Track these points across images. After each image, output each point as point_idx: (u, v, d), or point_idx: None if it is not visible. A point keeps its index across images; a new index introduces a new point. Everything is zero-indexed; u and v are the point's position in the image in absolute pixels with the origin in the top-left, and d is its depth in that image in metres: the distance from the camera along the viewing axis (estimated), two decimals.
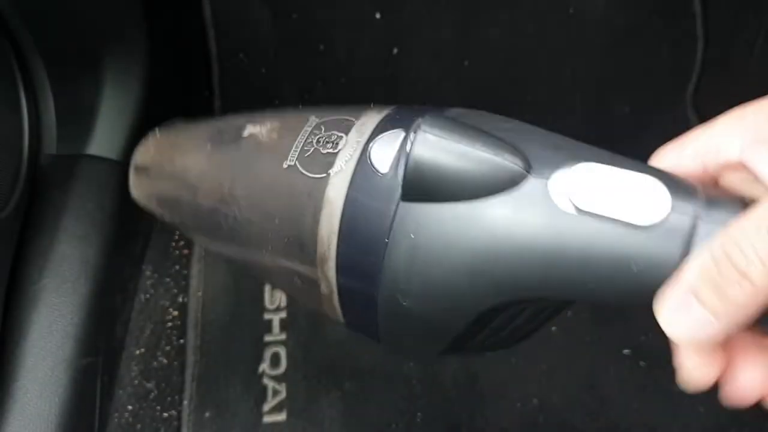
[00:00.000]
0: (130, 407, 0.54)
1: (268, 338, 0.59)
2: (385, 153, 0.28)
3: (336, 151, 0.30)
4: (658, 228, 0.22)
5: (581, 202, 0.23)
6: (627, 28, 0.70)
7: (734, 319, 0.21)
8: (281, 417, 0.55)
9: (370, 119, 0.31)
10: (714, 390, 0.25)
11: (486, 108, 0.31)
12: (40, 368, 0.47)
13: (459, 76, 0.71)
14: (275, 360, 0.58)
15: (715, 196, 0.23)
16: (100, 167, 0.56)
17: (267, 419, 0.55)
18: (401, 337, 0.30)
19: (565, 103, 0.72)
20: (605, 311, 0.61)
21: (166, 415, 0.55)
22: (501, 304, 0.26)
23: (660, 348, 0.58)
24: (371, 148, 0.29)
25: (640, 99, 0.72)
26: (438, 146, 0.25)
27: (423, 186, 0.26)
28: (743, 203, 0.23)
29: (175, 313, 0.60)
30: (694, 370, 0.24)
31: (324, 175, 0.30)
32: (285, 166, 0.31)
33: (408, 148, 0.26)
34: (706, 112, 0.70)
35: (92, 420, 0.50)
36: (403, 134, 0.28)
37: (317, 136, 0.31)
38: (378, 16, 0.67)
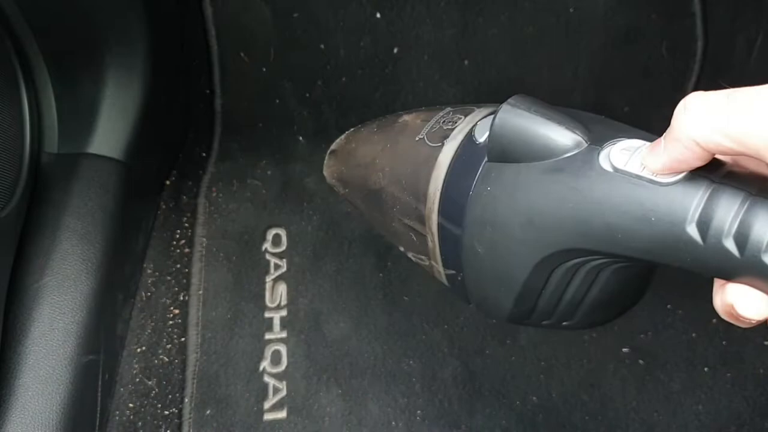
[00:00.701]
0: (131, 405, 0.55)
1: (268, 336, 0.59)
2: (484, 128, 0.35)
3: (453, 127, 0.38)
4: (675, 187, 0.26)
5: (618, 163, 0.28)
6: (627, 28, 0.70)
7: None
8: (282, 414, 0.55)
9: (489, 108, 0.38)
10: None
11: None
12: (41, 366, 0.47)
13: (459, 76, 0.71)
14: (276, 358, 0.58)
15: (737, 171, 0.26)
16: (102, 166, 0.56)
17: (267, 417, 0.55)
18: (480, 287, 0.36)
19: (565, 103, 0.72)
20: None
21: (167, 412, 0.55)
22: (551, 256, 0.31)
23: (659, 347, 0.58)
24: (477, 124, 0.36)
25: (639, 99, 0.72)
26: (517, 114, 0.31)
27: (502, 147, 0.32)
28: (761, 178, 0.26)
29: (176, 311, 0.60)
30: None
31: (440, 144, 0.37)
32: (416, 139, 0.39)
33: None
34: None
35: (93, 418, 0.51)
36: None
37: (445, 119, 0.39)
38: (378, 16, 0.68)
